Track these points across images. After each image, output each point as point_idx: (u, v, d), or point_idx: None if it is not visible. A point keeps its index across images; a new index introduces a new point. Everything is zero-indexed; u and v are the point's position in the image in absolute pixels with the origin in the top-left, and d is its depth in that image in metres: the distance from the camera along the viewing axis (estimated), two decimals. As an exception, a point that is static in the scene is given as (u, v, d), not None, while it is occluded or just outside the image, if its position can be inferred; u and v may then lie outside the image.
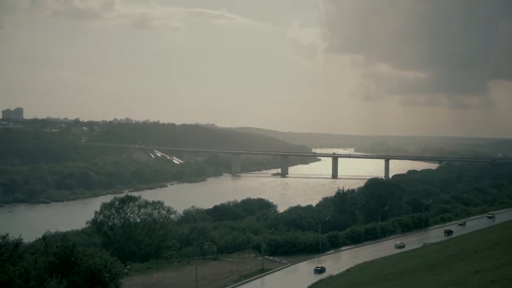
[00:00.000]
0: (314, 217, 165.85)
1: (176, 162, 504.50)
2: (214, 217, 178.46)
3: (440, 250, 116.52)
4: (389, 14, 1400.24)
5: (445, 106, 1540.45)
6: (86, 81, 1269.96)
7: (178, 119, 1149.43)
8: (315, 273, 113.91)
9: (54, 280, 76.64)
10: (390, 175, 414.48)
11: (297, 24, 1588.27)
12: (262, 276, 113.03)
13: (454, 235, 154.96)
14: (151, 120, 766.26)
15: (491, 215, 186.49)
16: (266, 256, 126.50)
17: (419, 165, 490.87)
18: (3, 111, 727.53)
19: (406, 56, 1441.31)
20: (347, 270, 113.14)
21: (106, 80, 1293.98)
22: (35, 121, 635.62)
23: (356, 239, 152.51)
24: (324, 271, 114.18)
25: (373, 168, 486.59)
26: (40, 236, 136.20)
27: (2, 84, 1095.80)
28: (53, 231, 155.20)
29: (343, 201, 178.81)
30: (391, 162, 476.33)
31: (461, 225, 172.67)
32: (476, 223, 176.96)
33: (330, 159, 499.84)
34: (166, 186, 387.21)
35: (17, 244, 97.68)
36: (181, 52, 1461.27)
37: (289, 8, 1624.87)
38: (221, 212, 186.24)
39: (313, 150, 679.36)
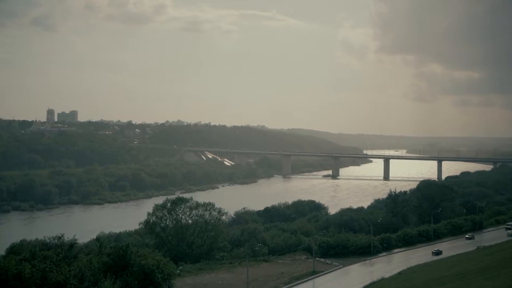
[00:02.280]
0: (366, 219, 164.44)
1: (227, 163, 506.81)
2: (265, 219, 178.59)
3: (493, 253, 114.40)
4: (441, 13, 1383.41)
5: (499, 106, 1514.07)
6: (139, 84, 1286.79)
7: (229, 121, 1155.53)
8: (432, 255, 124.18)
9: (108, 280, 77.86)
10: (443, 177, 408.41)
11: (348, 24, 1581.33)
12: (314, 278, 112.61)
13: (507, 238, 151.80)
14: (202, 122, 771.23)
15: None
16: (317, 258, 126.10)
17: (472, 167, 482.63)
18: (58, 114, 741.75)
19: (459, 56, 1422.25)
20: (399, 273, 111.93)
21: (158, 82, 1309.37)
22: (89, 123, 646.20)
23: (408, 242, 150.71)
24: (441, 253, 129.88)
25: (426, 170, 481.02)
26: (94, 237, 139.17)
27: (57, 88, 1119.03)
28: (106, 232, 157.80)
29: (395, 203, 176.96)
30: (444, 163, 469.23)
31: (508, 228, 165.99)
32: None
33: (381, 161, 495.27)
34: (217, 187, 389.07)
35: (72, 244, 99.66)
36: (232, 55, 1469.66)
37: (339, 8, 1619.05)
38: (272, 214, 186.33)
39: (365, 152, 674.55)
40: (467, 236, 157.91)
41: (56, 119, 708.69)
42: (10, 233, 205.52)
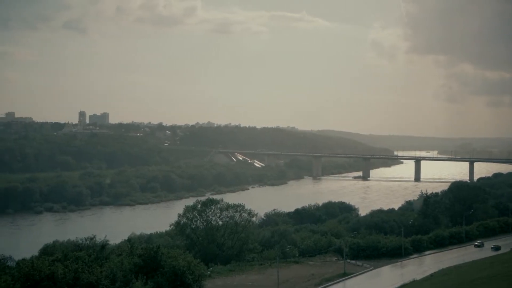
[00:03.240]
0: (397, 220, 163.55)
1: (257, 165, 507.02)
2: (296, 220, 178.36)
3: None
4: (472, 13, 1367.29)
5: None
6: (169, 86, 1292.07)
7: (259, 122, 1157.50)
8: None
9: (139, 281, 78.30)
10: (475, 178, 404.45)
11: (378, 25, 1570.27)
12: (344, 280, 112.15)
13: None
14: (233, 124, 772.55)
15: None
16: (348, 260, 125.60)
17: (505, 168, 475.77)
18: (90, 116, 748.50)
19: (491, 56, 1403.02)
20: (431, 275, 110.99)
21: (188, 84, 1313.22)
22: (120, 125, 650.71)
23: (440, 243, 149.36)
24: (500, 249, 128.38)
25: (457, 171, 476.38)
26: (125, 238, 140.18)
27: (89, 90, 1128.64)
28: (137, 233, 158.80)
29: (426, 205, 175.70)
30: (476, 164, 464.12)
31: None
32: None
33: (412, 162, 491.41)
34: (248, 189, 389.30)
35: (104, 245, 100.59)
36: (262, 56, 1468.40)
37: (369, 9, 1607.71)
38: (302, 215, 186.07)
39: (395, 153, 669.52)
40: (476, 243, 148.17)
41: (87, 121, 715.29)
42: (42, 234, 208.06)
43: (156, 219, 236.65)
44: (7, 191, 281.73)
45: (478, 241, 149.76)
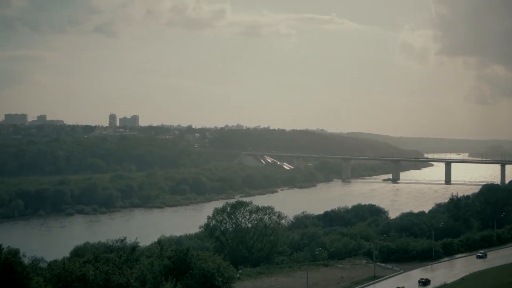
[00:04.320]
0: (427, 223, 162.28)
1: (287, 167, 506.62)
2: (325, 223, 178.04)
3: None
4: (503, 13, 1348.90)
5: None
6: (199, 88, 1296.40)
7: (288, 125, 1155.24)
8: (419, 285, 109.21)
9: (169, 283, 78.81)
10: (507, 181, 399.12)
11: (408, 27, 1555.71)
12: (374, 283, 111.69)
13: None
14: (261, 126, 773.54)
15: None
16: (378, 263, 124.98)
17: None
18: (120, 119, 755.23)
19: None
20: (462, 279, 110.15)
21: (218, 87, 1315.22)
22: (150, 128, 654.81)
23: (471, 247, 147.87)
24: (429, 284, 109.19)
25: (488, 174, 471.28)
26: (155, 240, 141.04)
27: (119, 93, 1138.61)
28: (167, 235, 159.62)
29: (457, 208, 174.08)
30: (508, 167, 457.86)
31: None
32: None
33: (443, 164, 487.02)
34: (277, 191, 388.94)
35: (134, 247, 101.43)
36: (291, 58, 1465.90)
37: (399, 11, 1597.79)
38: (331, 218, 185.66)
39: (425, 155, 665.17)
40: (478, 254, 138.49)
41: (118, 124, 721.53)
42: (73, 235, 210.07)
43: (185, 221, 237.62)
44: (39, 193, 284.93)
45: (481, 251, 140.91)
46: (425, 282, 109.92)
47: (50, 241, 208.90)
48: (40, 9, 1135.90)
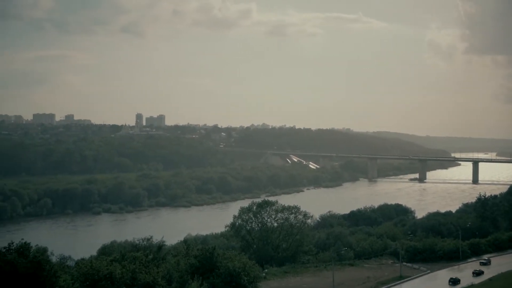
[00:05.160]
0: (454, 223, 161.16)
1: (312, 167, 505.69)
2: (351, 223, 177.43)
3: None
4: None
5: None
6: (224, 88, 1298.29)
7: (314, 124, 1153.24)
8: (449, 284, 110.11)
9: (195, 282, 79.17)
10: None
11: (435, 25, 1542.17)
12: (401, 283, 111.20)
13: None
14: (287, 126, 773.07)
15: None
16: (404, 263, 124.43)
17: None
18: (147, 119, 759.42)
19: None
20: (490, 279, 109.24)
21: (243, 86, 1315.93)
22: (176, 127, 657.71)
23: (499, 247, 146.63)
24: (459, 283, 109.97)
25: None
26: (181, 239, 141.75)
27: (146, 93, 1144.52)
28: (193, 234, 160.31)
29: (484, 207, 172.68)
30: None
31: None
32: None
33: (470, 164, 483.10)
34: (302, 191, 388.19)
35: (160, 246, 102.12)
36: (317, 58, 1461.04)
37: (426, 9, 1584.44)
38: (357, 218, 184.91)
39: (452, 155, 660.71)
40: (481, 261, 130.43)
41: (144, 123, 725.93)
42: (100, 234, 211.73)
43: (211, 220, 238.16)
44: (67, 192, 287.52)
45: (485, 257, 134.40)
46: (454, 281, 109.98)
47: (77, 240, 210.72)
48: (67, 10, 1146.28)
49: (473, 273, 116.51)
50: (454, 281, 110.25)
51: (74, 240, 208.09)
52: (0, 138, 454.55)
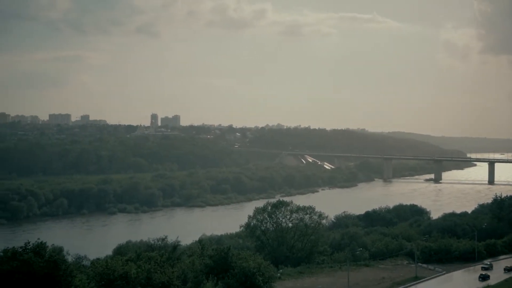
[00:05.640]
0: (470, 224, 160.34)
1: (327, 167, 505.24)
2: (366, 223, 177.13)
3: None
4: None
5: None
6: (239, 88, 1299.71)
7: (329, 124, 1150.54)
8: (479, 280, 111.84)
9: (210, 282, 79.30)
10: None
11: (450, 25, 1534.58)
12: (416, 284, 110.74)
13: None
14: (302, 126, 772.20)
15: None
16: (420, 264, 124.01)
17: None
18: (162, 119, 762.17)
19: None
20: (506, 280, 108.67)
21: (258, 87, 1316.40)
22: (191, 128, 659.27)
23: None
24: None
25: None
26: (196, 239, 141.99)
27: (161, 93, 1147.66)
28: (208, 234, 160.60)
29: (500, 208, 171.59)
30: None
31: None
32: None
33: (486, 164, 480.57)
34: (317, 191, 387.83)
35: (175, 246, 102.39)
36: (332, 58, 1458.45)
37: (441, 9, 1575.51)
38: (372, 218, 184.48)
39: (468, 155, 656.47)
40: (483, 266, 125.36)
41: (159, 124, 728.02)
42: (114, 234, 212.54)
43: (226, 220, 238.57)
44: (83, 192, 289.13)
45: (487, 262, 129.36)
46: (484, 277, 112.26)
47: (92, 240, 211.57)
48: (83, 11, 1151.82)
49: (504, 269, 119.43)
50: (484, 277, 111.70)
51: (90, 240, 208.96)
52: (16, 139, 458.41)
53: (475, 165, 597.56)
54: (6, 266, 63.06)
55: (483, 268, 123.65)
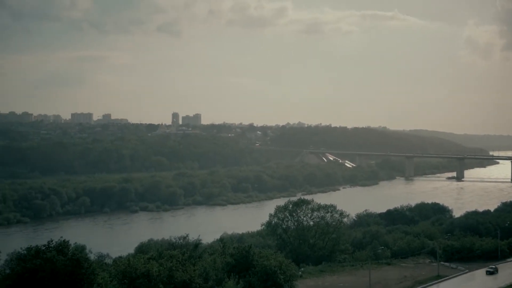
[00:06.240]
0: (493, 222, 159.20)
1: (348, 165, 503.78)
2: (387, 221, 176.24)
3: None
4: None
5: None
6: (260, 87, 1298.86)
7: (350, 123, 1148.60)
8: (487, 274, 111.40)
9: (232, 280, 79.42)
10: None
11: (473, 22, 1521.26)
12: (438, 282, 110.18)
13: None
14: (323, 124, 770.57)
15: None
16: (442, 262, 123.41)
17: None
18: (183, 118, 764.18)
19: None
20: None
21: (279, 85, 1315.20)
22: (212, 126, 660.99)
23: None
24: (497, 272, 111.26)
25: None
26: (217, 237, 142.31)
27: (182, 92, 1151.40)
28: (229, 232, 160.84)
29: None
30: None
31: None
32: None
33: (509, 162, 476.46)
34: (339, 189, 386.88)
35: (197, 244, 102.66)
36: (353, 56, 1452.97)
37: (463, 6, 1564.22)
38: (394, 216, 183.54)
39: (491, 153, 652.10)
40: (488, 270, 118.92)
41: (180, 122, 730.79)
42: (136, 232, 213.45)
43: (247, 219, 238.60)
44: (105, 190, 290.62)
45: (492, 266, 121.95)
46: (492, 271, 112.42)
47: (114, 238, 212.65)
48: (104, 10, 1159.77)
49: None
50: (492, 272, 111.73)
51: (112, 238, 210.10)
52: (39, 138, 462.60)
53: (497, 163, 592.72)
54: (30, 264, 63.62)
55: (488, 272, 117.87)
